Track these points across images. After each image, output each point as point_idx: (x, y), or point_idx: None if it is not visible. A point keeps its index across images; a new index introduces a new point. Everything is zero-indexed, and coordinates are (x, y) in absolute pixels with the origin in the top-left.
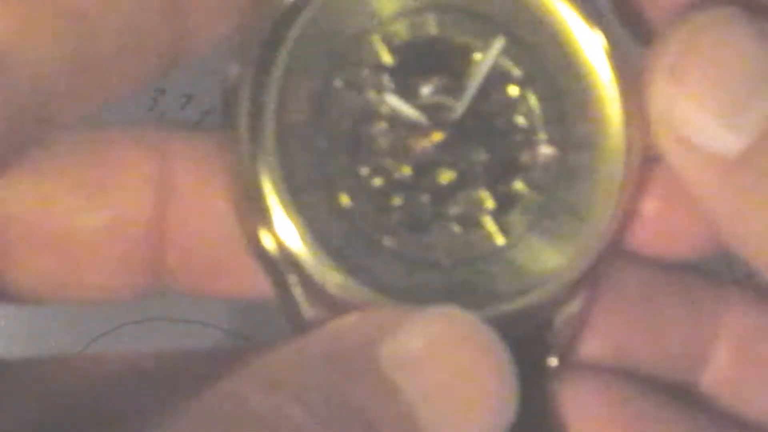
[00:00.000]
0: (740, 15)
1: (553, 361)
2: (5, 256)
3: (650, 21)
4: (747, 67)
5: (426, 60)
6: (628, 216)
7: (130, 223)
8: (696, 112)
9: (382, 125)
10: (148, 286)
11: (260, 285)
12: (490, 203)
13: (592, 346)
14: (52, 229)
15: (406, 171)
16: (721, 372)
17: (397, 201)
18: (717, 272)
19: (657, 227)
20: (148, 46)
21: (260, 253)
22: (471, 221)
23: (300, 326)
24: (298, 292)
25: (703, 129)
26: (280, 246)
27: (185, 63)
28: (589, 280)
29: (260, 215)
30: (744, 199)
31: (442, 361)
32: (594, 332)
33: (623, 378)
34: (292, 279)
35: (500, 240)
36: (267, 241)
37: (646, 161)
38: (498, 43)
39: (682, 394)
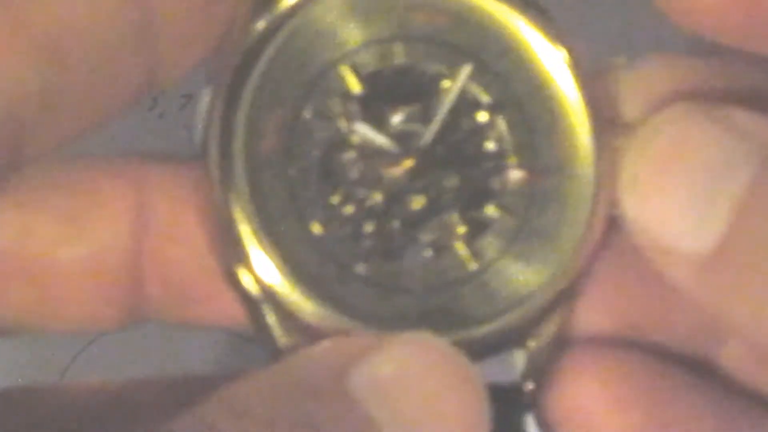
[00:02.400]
0: (694, 109)
1: (528, 386)
2: None
3: None
4: (706, 162)
5: (395, 88)
6: (599, 238)
7: (109, 254)
8: (663, 218)
9: (353, 154)
10: (127, 317)
11: (239, 313)
12: (461, 228)
13: (606, 323)
14: (30, 260)
15: (378, 198)
16: (740, 346)
17: (369, 228)
18: None
19: None
20: (120, 75)
21: (234, 283)
22: (443, 247)
23: (275, 354)
24: (272, 320)
25: (673, 232)
26: (254, 275)
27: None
28: (562, 302)
29: (233, 245)
30: (724, 292)
31: (413, 386)
32: (607, 308)
33: (638, 354)
34: (267, 308)
35: (472, 265)
36: (240, 271)
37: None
38: (465, 70)
39: (701, 369)
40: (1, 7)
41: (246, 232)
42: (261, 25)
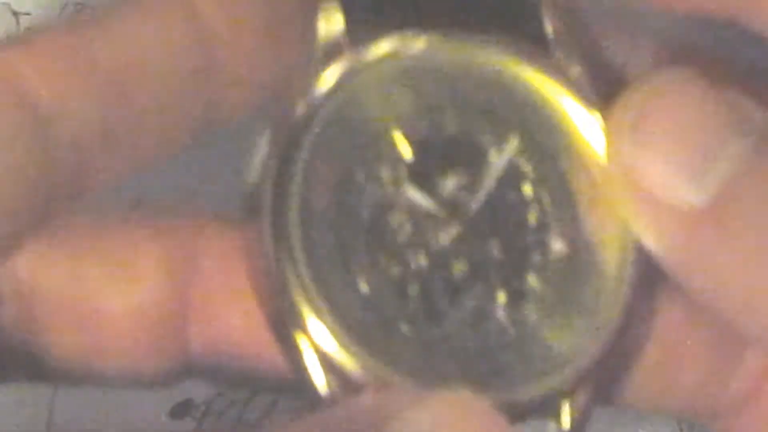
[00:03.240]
0: (696, 74)
1: None
2: (35, 333)
3: None
4: (707, 121)
5: (444, 156)
6: (635, 309)
7: (156, 306)
8: (660, 167)
9: (401, 217)
10: (172, 370)
11: (282, 367)
12: (502, 296)
13: None
14: (79, 307)
15: (423, 262)
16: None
17: (413, 290)
18: None
19: None
20: (180, 113)
21: (280, 333)
22: (484, 312)
23: (316, 404)
24: (315, 370)
25: (667, 183)
26: (300, 326)
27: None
28: (597, 372)
29: (280, 297)
30: (710, 250)
31: None
32: None
33: None
34: (310, 358)
35: (511, 332)
36: (287, 322)
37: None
38: (513, 143)
39: None
40: (73, 43)
41: (293, 280)
42: (320, 86)
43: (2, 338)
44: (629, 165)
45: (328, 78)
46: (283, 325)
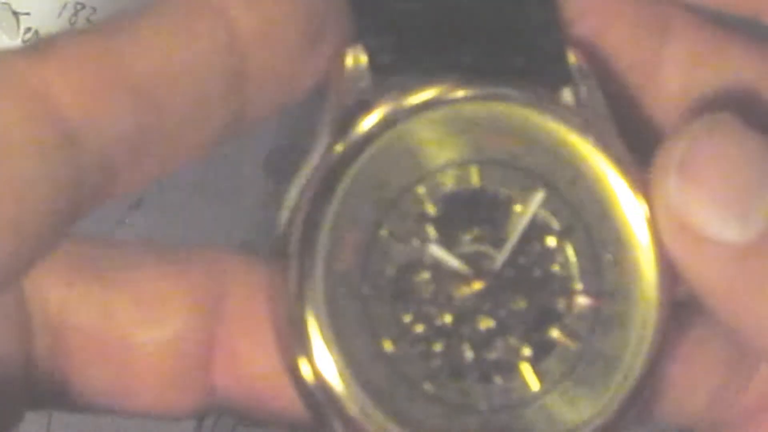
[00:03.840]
0: (738, 119)
1: None
2: (65, 364)
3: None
4: (752, 161)
5: (468, 211)
6: (661, 362)
7: (184, 341)
8: (705, 204)
9: (425, 274)
10: (199, 405)
11: (303, 414)
12: (526, 350)
13: None
14: (109, 341)
15: (447, 319)
16: None
17: (437, 347)
18: None
19: None
20: (209, 119)
21: (301, 387)
22: (508, 367)
23: None
24: (336, 427)
25: (712, 220)
26: (322, 383)
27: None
28: (622, 425)
29: (303, 352)
30: (754, 287)
31: None
32: None
33: None
34: (331, 415)
35: (536, 386)
36: (308, 377)
37: (679, 308)
38: (538, 197)
39: None
40: (102, 53)
41: (316, 338)
42: (346, 140)
43: (33, 369)
44: (675, 202)
45: (355, 132)
46: (303, 379)
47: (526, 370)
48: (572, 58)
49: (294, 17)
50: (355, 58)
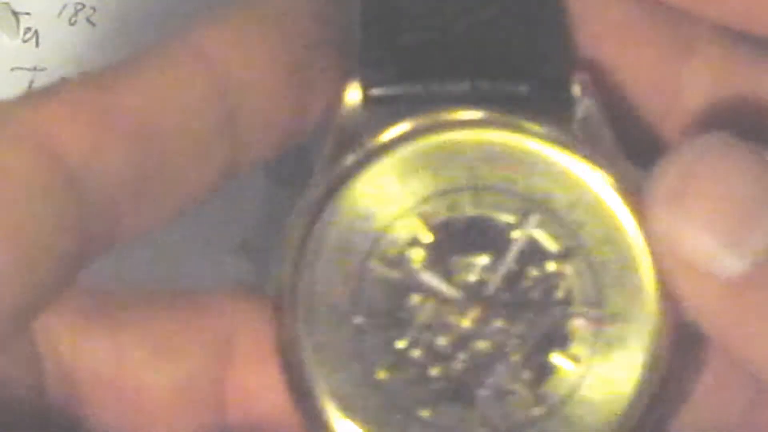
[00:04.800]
0: (735, 139)
1: None
2: (78, 408)
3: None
4: (747, 190)
5: (463, 236)
6: (663, 383)
7: (196, 383)
8: (698, 235)
9: (419, 302)
10: None
11: None
12: (526, 374)
13: None
14: (122, 385)
15: (444, 342)
16: None
17: (434, 372)
18: None
19: None
20: (206, 162)
21: (302, 422)
22: (508, 391)
23: None
24: None
25: (706, 251)
26: (318, 418)
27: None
28: None
29: (299, 387)
30: (749, 318)
31: None
32: None
33: None
34: None
35: (536, 410)
36: (306, 413)
37: (680, 329)
38: (533, 221)
39: None
40: (99, 98)
41: (309, 374)
42: (338, 169)
43: (47, 412)
44: (668, 232)
45: (347, 161)
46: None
47: (526, 393)
48: (576, 83)
49: (283, 62)
50: (350, 91)
